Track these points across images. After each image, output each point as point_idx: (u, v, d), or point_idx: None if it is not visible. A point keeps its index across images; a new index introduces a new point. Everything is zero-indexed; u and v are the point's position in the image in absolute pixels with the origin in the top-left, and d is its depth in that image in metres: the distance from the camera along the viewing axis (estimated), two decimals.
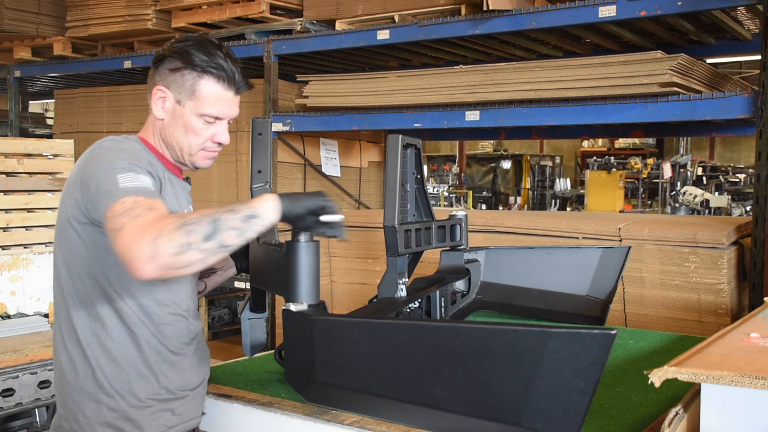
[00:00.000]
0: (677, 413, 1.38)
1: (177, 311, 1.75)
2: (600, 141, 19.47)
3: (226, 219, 1.44)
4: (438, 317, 2.45)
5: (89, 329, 1.66)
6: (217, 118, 1.76)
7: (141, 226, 1.39)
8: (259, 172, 2.03)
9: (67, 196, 1.67)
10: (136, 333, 1.67)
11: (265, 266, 1.97)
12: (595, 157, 16.80)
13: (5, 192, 3.55)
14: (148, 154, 1.73)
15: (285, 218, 1.59)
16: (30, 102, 9.48)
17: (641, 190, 15.49)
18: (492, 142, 19.52)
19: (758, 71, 3.06)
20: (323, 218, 1.65)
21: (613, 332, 1.37)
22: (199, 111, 1.73)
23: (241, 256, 2.09)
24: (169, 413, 1.73)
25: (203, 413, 1.88)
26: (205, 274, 2.05)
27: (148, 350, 1.68)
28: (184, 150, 1.76)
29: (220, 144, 1.79)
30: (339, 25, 4.32)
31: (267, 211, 1.52)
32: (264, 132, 2.04)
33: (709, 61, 4.96)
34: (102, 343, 1.65)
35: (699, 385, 1.35)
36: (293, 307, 1.75)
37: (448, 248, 2.72)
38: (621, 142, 19.20)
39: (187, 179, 1.89)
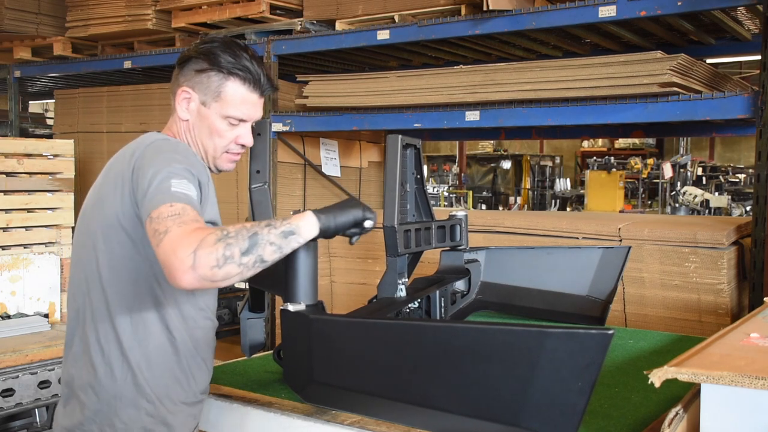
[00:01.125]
0: (677, 413, 1.38)
1: (208, 315, 1.77)
2: (600, 141, 19.47)
3: (265, 234, 1.46)
4: (438, 317, 2.45)
5: (132, 333, 1.63)
6: (241, 121, 1.76)
7: (185, 234, 1.39)
8: (258, 172, 2.03)
9: (111, 194, 1.62)
10: (176, 337, 1.67)
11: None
12: (595, 157, 16.80)
13: (5, 192, 3.55)
14: (194, 153, 1.72)
15: (323, 235, 1.61)
16: (30, 102, 9.47)
17: (641, 190, 15.49)
18: (492, 142, 19.52)
19: (758, 71, 3.06)
20: (365, 225, 1.68)
21: (611, 332, 1.36)
22: (224, 113, 1.73)
23: None
24: (192, 417, 1.76)
25: None
26: None
27: (184, 354, 1.69)
28: (209, 152, 1.76)
29: (243, 146, 1.79)
30: (339, 25, 4.32)
31: (305, 228, 1.54)
32: (263, 132, 2.04)
33: (709, 61, 4.96)
34: (144, 348, 1.64)
35: (699, 385, 1.35)
36: (291, 307, 1.75)
37: (448, 248, 2.72)
38: (621, 142, 19.20)
39: None
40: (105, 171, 1.71)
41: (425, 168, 5.34)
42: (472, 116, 3.74)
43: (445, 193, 16.45)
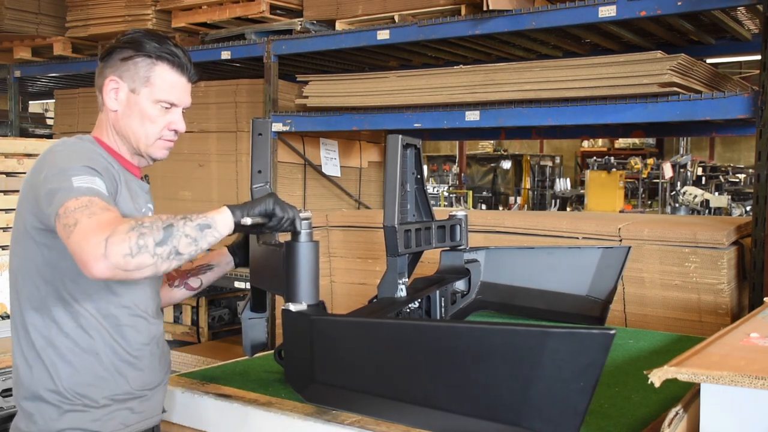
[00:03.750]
0: (677, 413, 1.38)
1: (136, 312, 1.73)
2: (600, 141, 19.47)
3: (180, 226, 1.45)
4: (438, 317, 2.45)
5: (44, 334, 1.64)
6: (172, 105, 1.75)
7: (96, 224, 1.39)
8: (260, 172, 2.03)
9: (21, 203, 1.65)
10: (93, 336, 1.65)
11: (264, 266, 1.97)
12: (595, 157, 16.80)
13: (5, 192, 3.55)
14: (104, 154, 1.70)
15: (238, 229, 1.60)
16: (30, 102, 9.47)
17: (641, 190, 15.49)
18: (492, 142, 19.52)
19: (758, 71, 3.06)
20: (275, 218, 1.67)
21: (612, 332, 1.37)
22: (155, 97, 1.72)
23: (240, 250, 2.09)
24: (128, 411, 1.72)
25: (164, 410, 1.87)
26: (201, 270, 2.05)
27: (105, 352, 1.66)
28: (141, 140, 1.74)
29: (176, 132, 1.78)
30: (339, 25, 4.32)
31: (221, 222, 1.54)
32: (264, 132, 2.04)
33: (709, 61, 4.95)
34: (56, 348, 1.64)
35: (699, 385, 1.35)
36: (293, 307, 1.75)
37: (448, 248, 2.72)
38: (621, 142, 19.20)
39: (145, 177, 1.87)
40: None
41: (425, 168, 5.34)
42: (472, 116, 3.74)
43: (445, 193, 16.45)
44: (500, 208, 16.90)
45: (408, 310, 2.27)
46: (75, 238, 1.39)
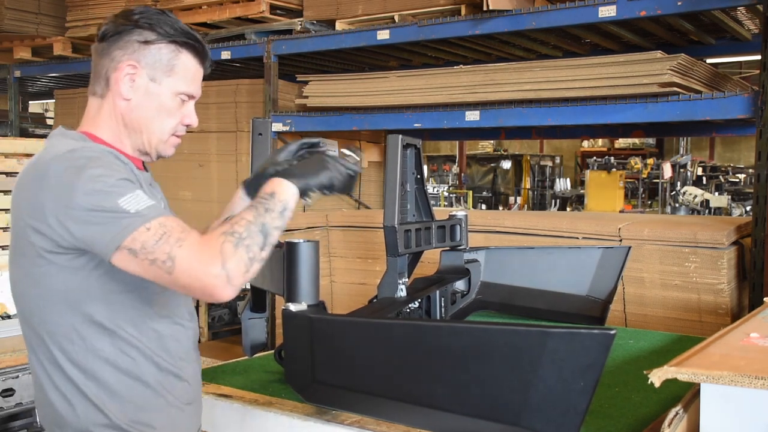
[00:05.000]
0: (677, 413, 1.38)
1: (174, 321, 1.59)
2: (600, 141, 19.46)
3: (269, 221, 1.42)
4: (438, 317, 2.45)
5: (82, 365, 1.45)
6: (191, 97, 1.59)
7: (196, 252, 1.32)
8: None
9: (23, 227, 1.41)
10: (134, 357, 1.49)
11: (264, 266, 1.97)
12: (595, 157, 16.79)
13: (5, 192, 3.55)
14: (114, 155, 1.48)
15: (301, 196, 1.54)
16: (30, 102, 9.47)
17: (641, 190, 15.48)
18: (492, 142, 19.50)
19: (758, 71, 3.06)
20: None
21: (612, 332, 1.37)
22: (177, 89, 1.54)
23: (251, 183, 2.00)
24: (188, 419, 1.62)
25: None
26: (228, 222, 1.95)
27: (150, 371, 1.51)
28: (155, 135, 1.55)
29: (188, 127, 1.62)
30: (339, 25, 4.32)
31: (292, 199, 1.49)
32: (264, 132, 2.04)
33: (709, 61, 4.96)
34: (98, 379, 1.46)
35: (699, 385, 1.35)
36: (293, 307, 1.75)
37: (448, 248, 2.72)
38: (621, 142, 19.19)
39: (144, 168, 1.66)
40: (14, 202, 1.48)
41: (425, 168, 5.33)
42: (472, 116, 3.75)
43: (445, 193, 16.44)
44: (500, 208, 16.89)
45: (408, 310, 2.27)
46: (185, 273, 1.32)
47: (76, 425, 1.47)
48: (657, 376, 1.34)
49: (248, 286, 2.10)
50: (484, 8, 3.55)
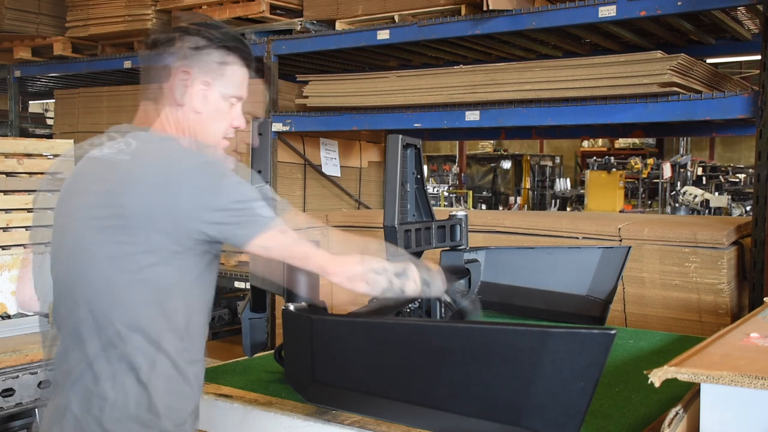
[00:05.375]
0: (677, 413, 1.38)
1: (205, 326, 1.62)
2: (600, 141, 19.46)
3: (405, 283, 1.63)
4: (438, 317, 2.45)
5: (150, 364, 1.48)
6: (239, 99, 1.65)
7: (338, 259, 1.62)
8: (260, 172, 2.03)
9: (141, 222, 1.45)
10: (170, 351, 1.51)
11: (264, 266, 1.97)
12: (595, 157, 16.78)
13: (5, 192, 3.55)
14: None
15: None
16: (30, 102, 9.48)
17: (641, 190, 15.48)
18: (492, 142, 19.51)
19: (758, 71, 3.06)
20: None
21: (613, 332, 1.37)
22: (226, 92, 1.60)
23: None
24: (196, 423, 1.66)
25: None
26: None
27: (185, 365, 1.54)
28: (209, 138, 1.62)
29: (236, 129, 1.68)
30: (339, 25, 4.32)
31: (426, 289, 1.71)
32: (264, 132, 2.04)
33: (709, 61, 4.96)
34: (155, 368, 1.49)
35: (699, 385, 1.35)
36: (293, 307, 1.75)
37: (448, 248, 2.72)
38: (621, 142, 19.19)
39: None
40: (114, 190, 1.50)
41: (425, 168, 5.34)
42: (472, 116, 3.74)
43: (445, 193, 16.44)
44: (500, 208, 16.88)
45: (408, 310, 2.27)
46: (326, 264, 1.60)
47: (124, 409, 1.48)
48: (657, 376, 1.34)
49: (247, 286, 2.10)
50: (484, 8, 3.55)
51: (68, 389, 1.53)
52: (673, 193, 13.53)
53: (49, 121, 8.83)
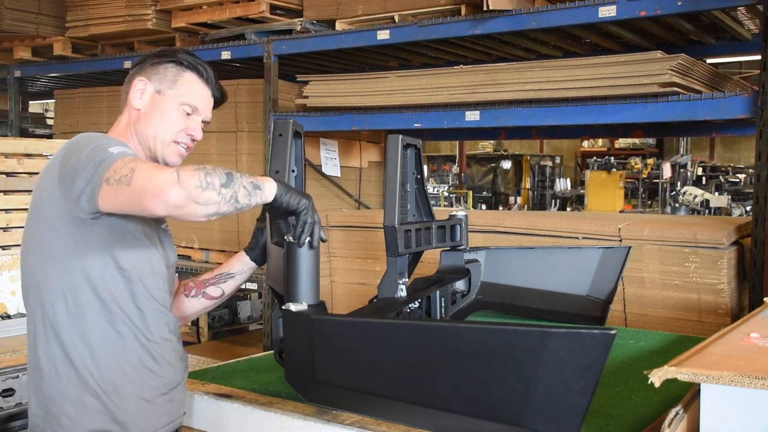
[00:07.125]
0: (677, 413, 1.38)
1: (158, 307, 1.73)
2: (600, 141, 19.47)
3: (238, 177, 1.54)
4: (438, 317, 2.45)
5: (72, 330, 1.63)
6: (194, 110, 1.79)
7: (154, 167, 1.49)
8: (277, 172, 2.02)
9: (45, 201, 1.63)
10: (120, 331, 1.65)
11: (274, 266, 1.98)
12: (595, 157, 16.79)
13: (5, 192, 3.55)
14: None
15: (273, 204, 1.66)
16: (30, 102, 9.48)
17: (641, 190, 15.49)
18: (492, 142, 19.52)
19: (758, 71, 3.06)
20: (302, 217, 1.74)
21: (613, 332, 1.37)
22: (179, 99, 1.76)
23: (256, 249, 2.06)
24: (156, 413, 1.70)
25: (184, 413, 1.85)
26: (221, 279, 2.03)
27: (134, 349, 1.67)
28: (158, 139, 1.75)
29: (193, 140, 1.80)
30: (339, 25, 4.32)
31: (268, 190, 1.63)
32: (284, 133, 2.03)
33: (709, 61, 4.96)
34: (87, 344, 1.63)
35: (699, 385, 1.35)
36: (293, 307, 1.75)
37: (448, 248, 2.72)
38: (621, 142, 19.20)
39: None
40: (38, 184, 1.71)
41: (425, 168, 5.34)
42: (472, 116, 3.74)
43: (445, 193, 16.45)
44: (500, 208, 16.89)
45: (408, 310, 2.27)
46: (138, 180, 1.44)
47: (57, 387, 1.63)
48: (657, 376, 1.34)
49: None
50: (484, 8, 3.54)
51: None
52: (673, 193, 13.53)
53: (49, 121, 8.84)
